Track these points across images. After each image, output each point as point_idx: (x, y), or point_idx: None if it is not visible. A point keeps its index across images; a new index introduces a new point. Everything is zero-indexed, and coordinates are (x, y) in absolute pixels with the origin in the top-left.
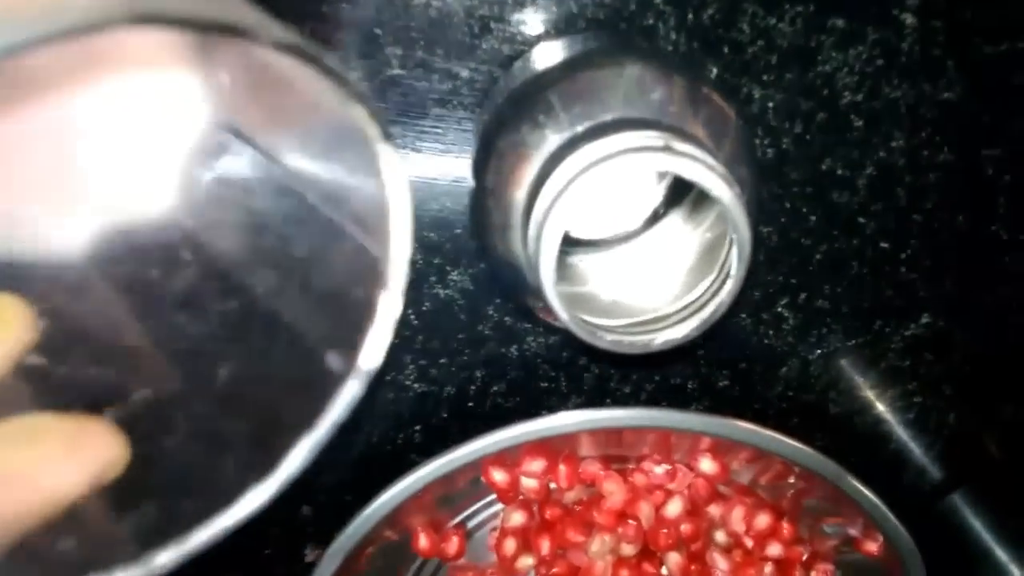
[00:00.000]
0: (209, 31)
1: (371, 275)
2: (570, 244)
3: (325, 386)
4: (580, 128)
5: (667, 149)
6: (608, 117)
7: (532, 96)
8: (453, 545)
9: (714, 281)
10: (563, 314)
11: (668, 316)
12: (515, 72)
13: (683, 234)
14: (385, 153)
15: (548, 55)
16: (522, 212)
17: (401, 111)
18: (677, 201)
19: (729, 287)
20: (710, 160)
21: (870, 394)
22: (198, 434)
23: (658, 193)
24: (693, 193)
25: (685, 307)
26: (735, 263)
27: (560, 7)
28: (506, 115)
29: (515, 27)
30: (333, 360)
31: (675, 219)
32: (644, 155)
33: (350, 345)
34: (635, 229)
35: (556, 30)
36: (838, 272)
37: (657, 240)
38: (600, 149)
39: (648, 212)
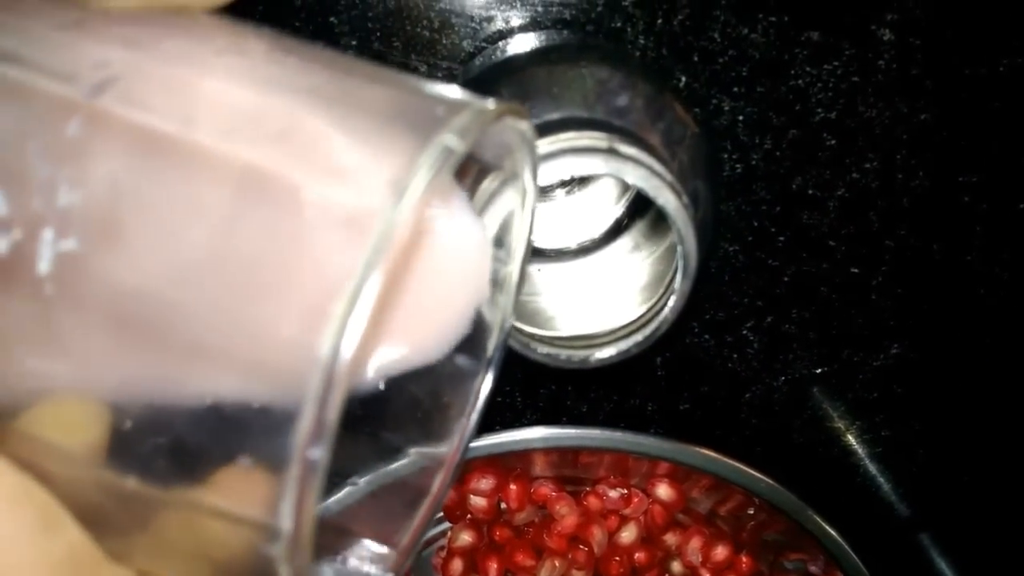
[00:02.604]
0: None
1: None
2: None
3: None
4: None
5: (611, 151)
6: (558, 116)
7: (484, 89)
8: None
9: (660, 298)
10: (487, 315)
11: (610, 332)
12: (474, 70)
13: (639, 254)
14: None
15: (509, 52)
16: None
17: None
18: (637, 221)
19: (672, 303)
20: (657, 167)
21: (837, 425)
22: None
23: (617, 211)
24: (652, 213)
25: (628, 324)
26: (680, 277)
27: (524, 5)
28: None
29: (477, 23)
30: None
31: (633, 239)
32: (586, 156)
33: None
34: (592, 245)
35: (520, 27)
36: (806, 296)
37: (613, 258)
38: (542, 147)
39: (606, 229)
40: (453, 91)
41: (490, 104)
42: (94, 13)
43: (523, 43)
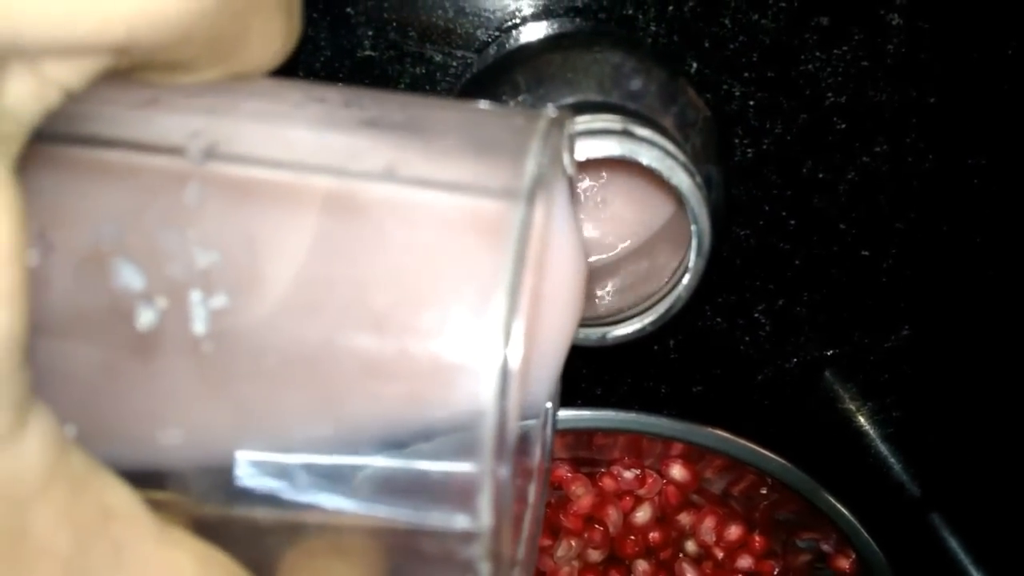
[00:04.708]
0: None
1: None
2: None
3: None
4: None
5: (625, 133)
6: (573, 100)
7: (500, 76)
8: None
9: (673, 276)
10: None
11: (625, 310)
12: (489, 57)
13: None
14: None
15: (523, 39)
16: None
17: None
18: None
19: (686, 281)
20: (671, 147)
21: (848, 406)
22: None
23: None
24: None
25: (643, 302)
26: (693, 256)
27: None
28: (471, 95)
29: (490, 11)
30: None
31: None
32: (602, 138)
33: None
34: None
35: (534, 15)
36: (817, 279)
37: None
38: (574, 129)
39: None
40: (515, 108)
41: (552, 110)
42: (165, 89)
43: (536, 31)
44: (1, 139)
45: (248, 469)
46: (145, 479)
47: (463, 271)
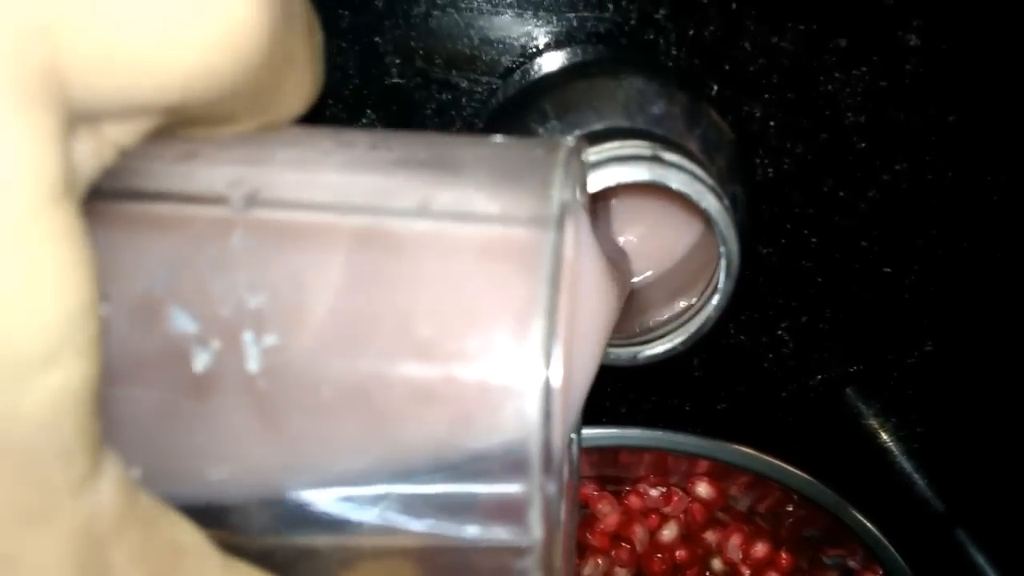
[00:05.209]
0: None
1: None
2: None
3: None
4: (571, 136)
5: (655, 159)
6: (601, 126)
7: (527, 104)
8: None
9: (701, 296)
10: None
11: (654, 330)
12: (513, 83)
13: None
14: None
15: (547, 66)
16: None
17: (400, 121)
18: None
19: (715, 302)
20: (699, 172)
21: (871, 422)
22: None
23: None
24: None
25: (672, 321)
26: (723, 278)
27: (560, 19)
28: (499, 122)
29: (515, 38)
30: None
31: None
32: (631, 164)
33: None
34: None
35: (556, 42)
36: (839, 296)
37: None
38: (588, 157)
39: None
40: (534, 139)
41: (570, 140)
42: (203, 142)
43: (560, 57)
44: (73, 197)
45: (305, 499)
46: (204, 515)
47: (501, 298)
